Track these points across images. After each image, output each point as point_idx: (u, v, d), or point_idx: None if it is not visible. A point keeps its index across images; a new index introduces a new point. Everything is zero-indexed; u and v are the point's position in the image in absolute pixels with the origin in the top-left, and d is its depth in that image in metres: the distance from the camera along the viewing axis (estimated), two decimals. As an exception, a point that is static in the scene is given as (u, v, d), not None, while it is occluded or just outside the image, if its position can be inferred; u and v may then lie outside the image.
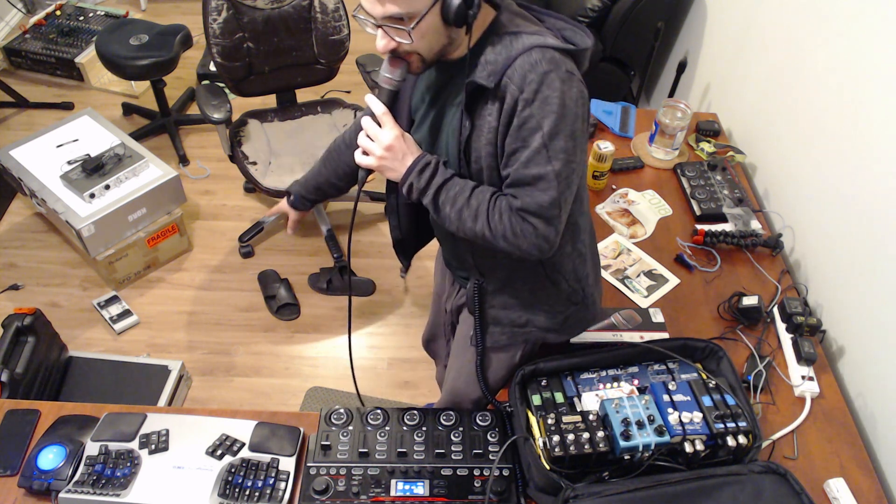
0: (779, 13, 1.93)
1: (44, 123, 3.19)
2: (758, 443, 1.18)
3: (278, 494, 1.19)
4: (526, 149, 1.05)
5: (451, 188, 1.13)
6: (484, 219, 1.11)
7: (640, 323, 1.48)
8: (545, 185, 1.06)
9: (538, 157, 1.05)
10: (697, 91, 2.52)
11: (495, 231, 1.11)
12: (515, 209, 1.09)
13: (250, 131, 2.54)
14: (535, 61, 1.02)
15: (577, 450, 1.14)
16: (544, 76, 1.02)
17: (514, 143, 1.06)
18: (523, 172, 1.07)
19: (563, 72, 1.03)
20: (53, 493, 1.19)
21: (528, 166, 1.06)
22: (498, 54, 1.05)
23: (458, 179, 1.14)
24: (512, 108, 1.04)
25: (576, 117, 1.06)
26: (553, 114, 1.03)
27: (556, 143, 1.04)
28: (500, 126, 1.07)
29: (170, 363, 2.18)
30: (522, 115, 1.04)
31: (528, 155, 1.05)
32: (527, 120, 1.04)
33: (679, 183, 1.90)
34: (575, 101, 1.05)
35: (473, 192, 1.12)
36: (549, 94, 1.02)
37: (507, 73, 1.03)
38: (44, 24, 3.60)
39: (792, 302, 1.53)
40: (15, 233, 2.76)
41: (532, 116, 1.03)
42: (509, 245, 1.12)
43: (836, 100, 1.62)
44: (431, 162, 1.13)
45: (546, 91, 1.02)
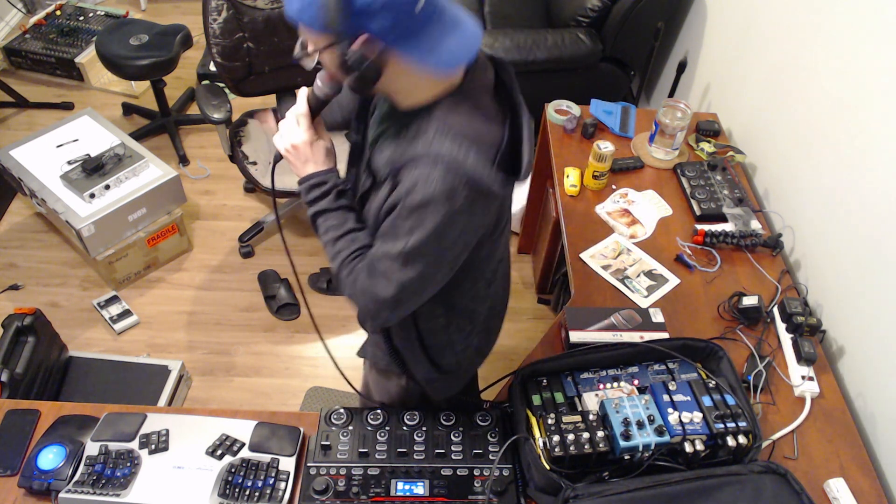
0: (779, 13, 1.93)
1: (44, 123, 3.19)
2: (758, 443, 1.18)
3: (278, 494, 1.19)
4: (389, 241, 1.03)
5: (329, 219, 1.12)
6: (337, 265, 1.11)
7: (640, 323, 1.48)
8: (387, 284, 1.04)
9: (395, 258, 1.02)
10: (697, 91, 2.52)
11: (342, 281, 1.11)
12: (358, 285, 1.08)
13: (250, 131, 2.54)
14: (434, 178, 0.95)
15: (577, 450, 1.14)
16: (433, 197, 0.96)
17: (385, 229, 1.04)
18: (378, 263, 1.05)
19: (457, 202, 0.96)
20: (53, 493, 1.19)
21: (383, 259, 1.04)
22: (414, 142, 1.00)
23: (340, 214, 1.12)
24: (395, 202, 1.01)
25: (452, 244, 1.03)
26: (426, 233, 0.98)
27: (416, 257, 1.01)
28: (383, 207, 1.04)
29: (170, 363, 2.18)
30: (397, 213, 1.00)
31: (387, 250, 1.03)
32: (399, 220, 1.00)
33: (679, 183, 1.90)
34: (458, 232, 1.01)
35: (345, 235, 1.11)
36: (436, 213, 0.97)
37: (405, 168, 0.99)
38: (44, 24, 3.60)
39: (792, 302, 1.53)
40: (15, 233, 2.75)
41: (405, 221, 0.99)
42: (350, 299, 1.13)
43: (836, 100, 1.62)
44: (326, 184, 1.12)
45: (434, 207, 0.97)
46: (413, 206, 0.98)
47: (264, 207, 2.93)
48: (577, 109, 2.11)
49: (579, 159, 1.95)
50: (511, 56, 2.68)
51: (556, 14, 2.98)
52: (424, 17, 0.92)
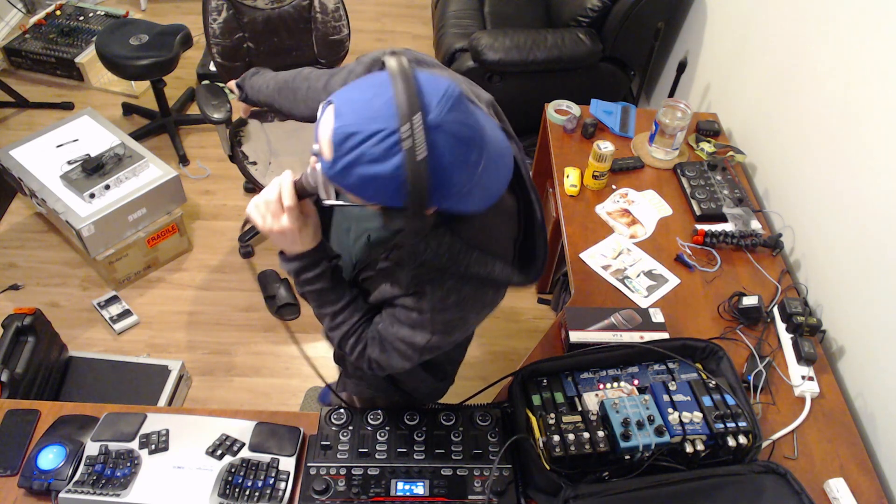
0: (779, 13, 1.93)
1: (44, 123, 3.19)
2: (758, 443, 1.18)
3: (278, 494, 1.18)
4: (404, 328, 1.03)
5: (324, 297, 1.10)
6: (340, 335, 1.11)
7: (640, 323, 1.48)
8: (401, 359, 1.07)
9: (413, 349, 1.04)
10: (697, 91, 2.52)
11: (348, 349, 1.12)
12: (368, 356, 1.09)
13: (250, 131, 2.54)
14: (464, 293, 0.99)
15: (578, 450, 1.14)
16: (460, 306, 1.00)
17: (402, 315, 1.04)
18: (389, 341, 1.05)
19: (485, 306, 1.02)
20: (53, 493, 1.19)
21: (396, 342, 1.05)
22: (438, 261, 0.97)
23: (336, 291, 1.09)
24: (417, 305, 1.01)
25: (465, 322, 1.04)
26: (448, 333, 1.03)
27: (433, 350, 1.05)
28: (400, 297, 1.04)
29: (170, 363, 2.18)
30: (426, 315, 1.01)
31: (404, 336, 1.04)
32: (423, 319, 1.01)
33: (679, 183, 1.90)
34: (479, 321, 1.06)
35: (344, 309, 1.10)
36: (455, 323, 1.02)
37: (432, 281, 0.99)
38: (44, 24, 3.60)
39: (792, 302, 1.53)
40: (15, 233, 2.75)
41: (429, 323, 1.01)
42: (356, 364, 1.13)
43: (836, 100, 1.62)
44: (318, 266, 1.07)
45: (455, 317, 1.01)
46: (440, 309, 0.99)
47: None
48: (577, 109, 2.11)
49: (579, 159, 1.95)
50: (511, 56, 2.68)
51: (556, 14, 2.98)
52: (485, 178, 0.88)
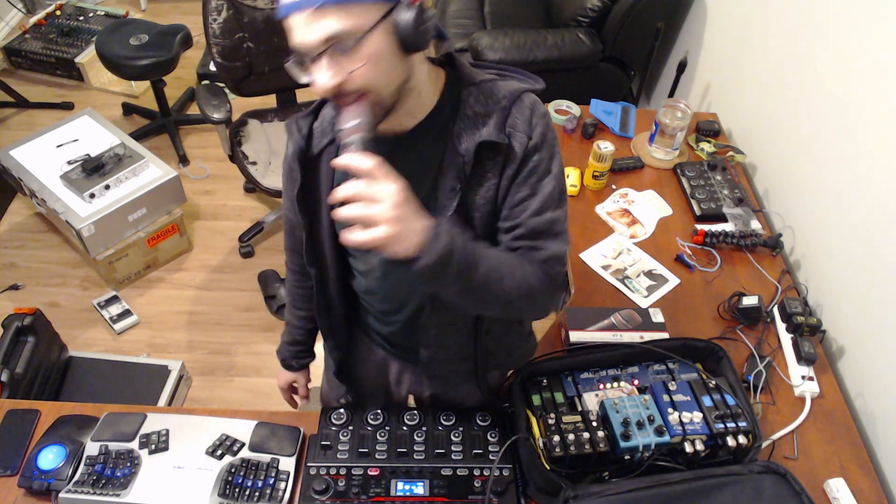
0: (779, 13, 1.93)
1: (44, 123, 3.19)
2: (758, 443, 1.18)
3: (278, 494, 1.18)
4: (538, 195, 0.97)
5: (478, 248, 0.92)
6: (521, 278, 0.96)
7: (640, 323, 1.48)
8: (560, 230, 0.99)
9: (550, 202, 0.97)
10: (697, 91, 2.52)
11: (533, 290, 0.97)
12: (543, 260, 0.98)
13: (250, 131, 2.54)
14: (531, 105, 0.96)
15: (577, 450, 1.14)
16: (544, 119, 0.96)
17: (522, 191, 0.97)
18: (538, 221, 0.97)
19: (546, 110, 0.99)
20: (53, 493, 1.19)
21: (542, 213, 0.97)
22: (486, 106, 0.96)
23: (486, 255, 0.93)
24: (522, 157, 0.95)
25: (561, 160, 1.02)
26: (556, 155, 0.99)
27: (562, 184, 1.00)
28: (502, 179, 0.97)
29: (170, 363, 2.18)
30: (534, 161, 0.96)
31: (542, 200, 0.97)
32: (538, 164, 0.96)
33: (679, 183, 1.90)
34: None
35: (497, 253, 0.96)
36: (551, 137, 0.98)
37: (508, 122, 0.95)
38: (44, 24, 3.60)
39: (792, 302, 1.53)
40: (15, 233, 2.76)
41: (542, 161, 0.96)
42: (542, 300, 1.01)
43: (836, 100, 1.62)
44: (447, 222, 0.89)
45: (549, 134, 0.97)
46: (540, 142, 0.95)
47: (264, 207, 2.93)
48: (577, 109, 2.11)
49: (579, 159, 1.95)
50: (511, 56, 2.68)
51: (556, 14, 2.98)
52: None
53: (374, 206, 0.81)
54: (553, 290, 1.01)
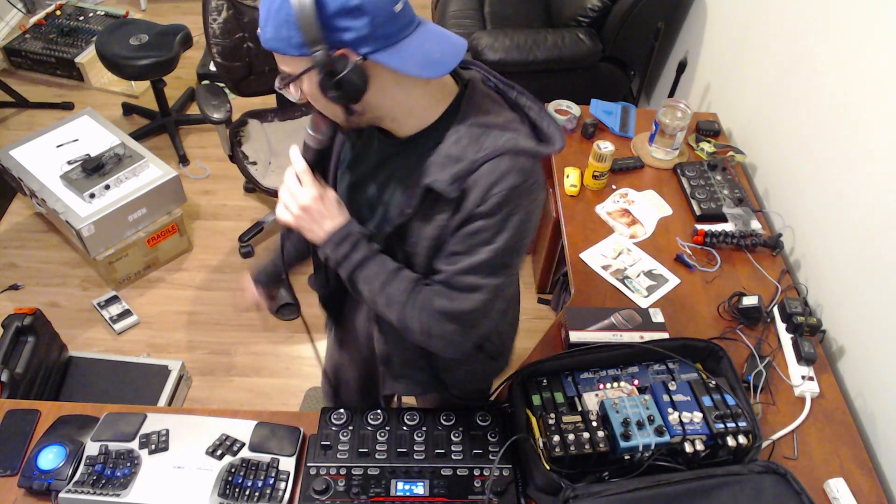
0: (779, 13, 1.93)
1: (44, 123, 3.19)
2: (758, 443, 1.18)
3: (278, 494, 1.18)
4: (469, 256, 0.98)
5: (368, 268, 1.04)
6: (398, 309, 1.04)
7: (640, 323, 1.48)
8: (477, 296, 1.00)
9: (480, 269, 0.98)
10: (697, 91, 2.52)
11: (408, 324, 1.04)
12: (435, 310, 1.02)
13: (250, 131, 2.54)
14: (504, 172, 0.93)
15: (577, 450, 1.14)
16: (510, 193, 0.93)
17: (459, 247, 0.99)
18: (460, 280, 1.00)
19: (530, 184, 0.95)
20: (53, 493, 1.19)
21: (466, 274, 0.99)
22: (463, 151, 0.95)
23: (378, 259, 1.05)
24: (468, 216, 0.96)
25: (531, 232, 1.00)
26: (511, 231, 0.96)
27: (504, 259, 0.98)
28: (450, 225, 0.99)
29: (170, 363, 2.18)
30: (476, 226, 0.96)
31: (470, 265, 0.98)
32: (480, 231, 0.96)
33: (679, 183, 1.90)
34: (535, 218, 1.00)
35: (393, 276, 1.04)
36: (512, 213, 0.95)
37: (470, 178, 0.94)
38: (44, 24, 3.60)
39: (792, 302, 1.53)
40: (15, 233, 2.75)
41: (487, 230, 0.96)
42: (419, 341, 1.06)
43: (836, 99, 1.62)
44: (352, 234, 1.04)
45: (508, 209, 0.94)
46: (491, 211, 0.94)
47: (264, 207, 2.93)
48: (577, 109, 2.11)
49: (579, 159, 1.95)
50: (511, 56, 2.68)
51: (556, 14, 2.98)
52: (405, 20, 0.89)
53: (290, 200, 1.04)
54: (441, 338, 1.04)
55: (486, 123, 0.96)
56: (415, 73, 0.90)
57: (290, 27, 0.85)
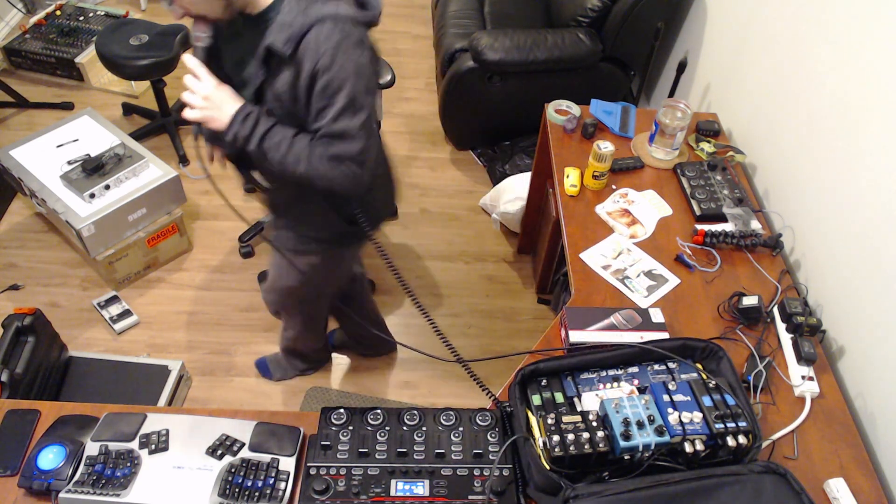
0: (779, 13, 1.93)
1: (44, 123, 3.19)
2: (758, 443, 1.18)
3: (278, 494, 1.19)
4: (332, 107, 1.23)
5: (275, 135, 1.28)
6: (305, 163, 1.28)
7: (640, 323, 1.48)
8: (353, 137, 1.26)
9: (345, 114, 1.23)
10: (697, 91, 2.52)
11: (315, 174, 1.29)
12: (328, 157, 1.28)
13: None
14: (329, 32, 1.18)
15: (577, 450, 1.14)
16: (337, 47, 1.18)
17: (320, 102, 1.23)
18: (333, 127, 1.25)
19: (353, 39, 1.20)
20: (53, 493, 1.19)
21: (336, 121, 1.24)
22: (294, 18, 1.19)
23: (279, 127, 1.28)
24: (311, 74, 1.20)
25: (369, 76, 1.25)
26: (352, 76, 1.21)
27: (357, 100, 1.23)
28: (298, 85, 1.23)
29: (170, 363, 2.18)
30: (324, 80, 1.20)
31: (336, 112, 1.23)
32: (329, 83, 1.20)
33: (679, 183, 1.90)
34: (367, 64, 1.24)
35: (294, 139, 1.28)
36: (345, 61, 1.20)
37: (302, 42, 1.18)
38: (44, 24, 3.60)
39: (792, 302, 1.53)
40: (15, 233, 2.75)
41: (333, 80, 1.20)
42: (327, 185, 1.31)
43: (836, 99, 1.62)
44: (254, 111, 1.27)
45: (341, 59, 1.19)
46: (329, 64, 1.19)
47: (264, 207, 2.93)
48: (577, 109, 2.11)
49: (579, 159, 1.95)
50: (511, 56, 2.68)
51: (556, 14, 2.98)
52: None
53: (192, 96, 1.27)
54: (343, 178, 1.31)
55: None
56: None
57: None
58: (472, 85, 2.83)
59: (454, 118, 3.08)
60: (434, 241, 2.85)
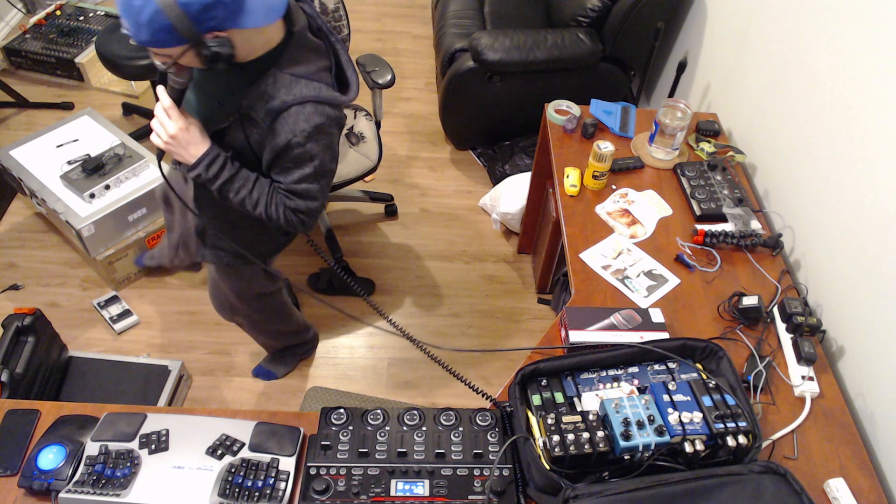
0: (779, 13, 1.93)
1: (44, 123, 3.19)
2: (758, 443, 1.18)
3: (278, 494, 1.19)
4: (299, 171, 1.35)
5: (237, 181, 1.37)
6: (263, 209, 1.40)
7: (640, 323, 1.48)
8: (313, 197, 1.39)
9: (309, 178, 1.36)
10: (697, 91, 2.52)
11: (271, 218, 1.41)
12: (289, 208, 1.40)
13: (250, 131, 2.54)
14: (309, 115, 1.28)
15: (577, 450, 1.14)
16: (315, 129, 1.30)
17: (290, 164, 1.34)
18: (295, 187, 1.37)
19: (329, 122, 1.32)
20: (53, 493, 1.19)
21: (300, 182, 1.36)
22: (277, 92, 1.28)
23: (242, 172, 1.37)
24: (285, 145, 1.30)
25: (336, 150, 1.39)
26: (322, 152, 1.34)
27: (323, 168, 1.36)
28: (266, 148, 1.33)
29: (170, 363, 2.18)
30: (295, 152, 1.31)
31: (301, 176, 1.36)
32: (300, 155, 1.32)
33: (679, 183, 1.90)
34: (336, 141, 1.38)
35: (255, 185, 1.38)
36: (319, 139, 1.32)
37: (280, 117, 1.28)
38: (44, 24, 3.60)
39: (792, 302, 1.53)
40: (15, 233, 2.75)
41: (305, 153, 1.32)
42: (277, 226, 1.44)
43: (836, 99, 1.62)
44: (219, 158, 1.34)
45: (315, 139, 1.31)
46: (304, 141, 1.30)
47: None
48: (577, 109, 2.11)
49: (579, 159, 1.95)
50: (511, 56, 2.68)
51: (556, 14, 2.98)
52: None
53: (161, 129, 1.33)
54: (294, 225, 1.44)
55: (299, 73, 1.29)
56: (264, 23, 1.20)
57: (166, 31, 1.12)
58: (472, 85, 2.83)
59: (454, 118, 3.08)
60: (434, 241, 2.85)
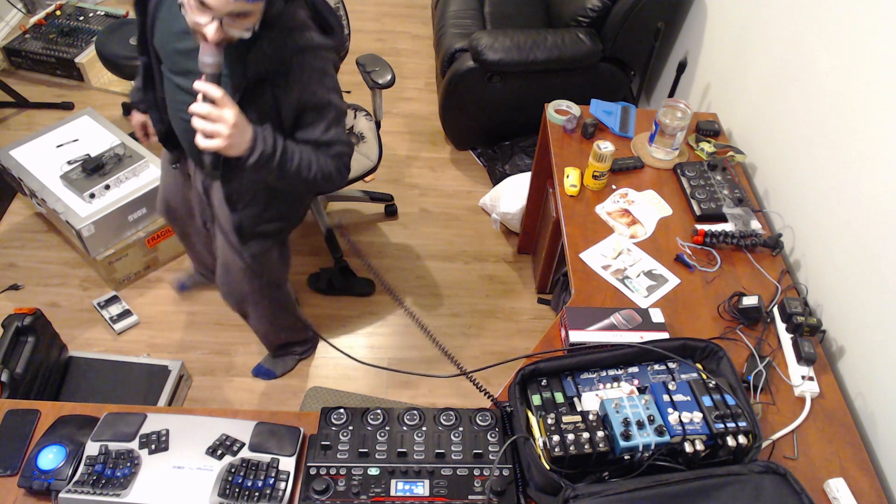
0: (779, 13, 1.93)
1: (44, 123, 3.19)
2: (758, 443, 1.18)
3: (278, 494, 1.19)
4: (323, 120, 1.43)
5: (289, 149, 1.40)
6: (316, 166, 1.45)
7: (640, 323, 1.48)
8: (344, 140, 1.48)
9: (334, 124, 1.45)
10: (697, 91, 2.52)
11: (324, 171, 1.46)
12: (334, 154, 1.47)
13: (250, 131, 2.54)
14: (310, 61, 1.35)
15: (577, 450, 1.14)
16: (322, 73, 1.39)
17: (311, 117, 1.42)
18: (325, 136, 1.45)
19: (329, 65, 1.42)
20: (53, 493, 1.19)
21: (328, 131, 1.44)
22: (275, 50, 1.32)
23: (286, 140, 1.40)
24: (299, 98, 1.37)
25: (340, 91, 1.47)
26: (333, 93, 1.43)
27: (341, 111, 1.46)
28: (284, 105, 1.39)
29: (170, 363, 2.18)
30: (312, 102, 1.40)
31: (327, 124, 1.44)
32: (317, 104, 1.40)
33: (679, 183, 1.90)
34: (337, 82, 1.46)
35: (301, 150, 1.43)
36: (327, 83, 1.41)
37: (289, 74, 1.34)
38: (44, 24, 3.60)
39: (792, 302, 1.53)
40: (15, 233, 2.75)
41: (320, 101, 1.40)
42: (325, 184, 1.49)
43: (836, 99, 1.62)
44: (266, 128, 1.35)
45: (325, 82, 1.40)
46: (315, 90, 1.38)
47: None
48: (577, 109, 2.11)
49: (579, 159, 1.95)
50: (511, 56, 2.68)
51: (556, 14, 2.98)
52: None
53: (217, 125, 1.25)
54: (340, 175, 1.52)
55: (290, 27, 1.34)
56: None
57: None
58: (472, 85, 2.83)
59: (454, 118, 3.08)
60: (434, 241, 2.85)
